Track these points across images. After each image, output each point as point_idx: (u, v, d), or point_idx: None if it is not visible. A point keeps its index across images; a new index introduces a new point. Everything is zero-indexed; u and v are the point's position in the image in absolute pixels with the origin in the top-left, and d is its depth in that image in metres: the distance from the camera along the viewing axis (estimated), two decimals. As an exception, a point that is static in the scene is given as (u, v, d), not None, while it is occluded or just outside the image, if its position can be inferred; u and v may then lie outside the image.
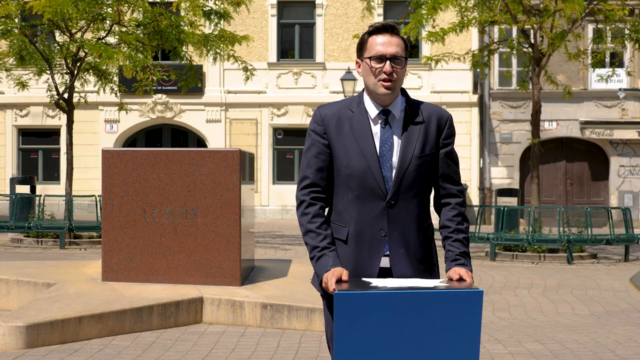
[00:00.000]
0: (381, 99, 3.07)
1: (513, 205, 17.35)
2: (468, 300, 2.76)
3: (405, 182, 3.05)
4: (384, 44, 3.03)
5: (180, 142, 24.67)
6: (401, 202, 3.06)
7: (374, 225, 3.06)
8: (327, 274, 2.95)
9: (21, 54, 15.49)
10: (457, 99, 23.55)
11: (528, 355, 6.31)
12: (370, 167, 3.03)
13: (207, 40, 15.30)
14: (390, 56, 3.02)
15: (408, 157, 3.05)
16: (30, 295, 7.81)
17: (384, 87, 3.03)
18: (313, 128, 3.13)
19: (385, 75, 3.02)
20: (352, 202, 3.07)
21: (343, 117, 3.10)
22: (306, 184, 3.10)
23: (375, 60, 3.03)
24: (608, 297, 9.78)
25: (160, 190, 7.82)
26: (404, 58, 3.05)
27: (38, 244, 14.77)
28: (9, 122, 24.24)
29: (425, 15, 14.30)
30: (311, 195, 3.09)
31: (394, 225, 3.06)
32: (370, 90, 3.09)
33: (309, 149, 3.12)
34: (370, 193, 3.04)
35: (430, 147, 3.08)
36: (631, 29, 15.45)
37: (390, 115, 3.09)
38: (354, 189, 3.06)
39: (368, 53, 3.06)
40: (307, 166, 3.11)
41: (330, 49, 23.86)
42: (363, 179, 3.04)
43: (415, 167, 3.05)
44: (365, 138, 3.05)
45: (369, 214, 3.05)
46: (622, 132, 23.24)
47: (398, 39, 3.06)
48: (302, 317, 7.18)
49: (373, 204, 3.05)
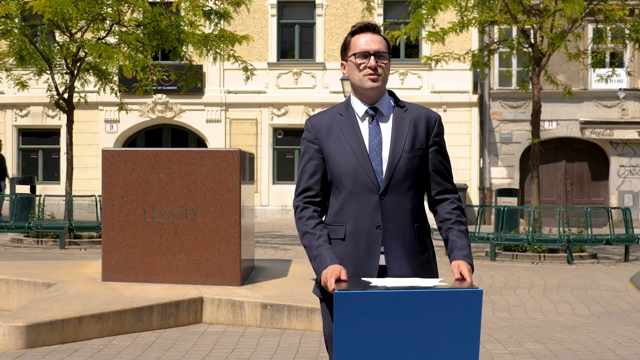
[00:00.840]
0: (368, 94, 3.15)
1: (513, 205, 17.34)
2: (467, 300, 2.76)
3: (397, 175, 3.09)
4: (367, 41, 3.13)
5: (180, 142, 24.67)
6: (394, 196, 3.09)
7: (369, 220, 3.09)
8: (325, 273, 2.96)
9: (21, 54, 15.48)
10: (457, 99, 23.55)
11: (528, 355, 6.31)
12: (360, 162, 3.09)
13: (207, 40, 15.30)
14: (373, 52, 3.12)
15: (399, 151, 3.10)
16: (30, 295, 7.81)
17: (371, 81, 3.12)
18: (305, 136, 3.21)
19: (370, 70, 3.11)
20: (346, 200, 3.12)
21: (332, 121, 3.18)
22: (300, 190, 3.19)
23: (359, 56, 3.12)
24: (608, 297, 9.78)
25: (160, 190, 7.82)
26: (387, 54, 3.15)
27: (38, 244, 14.77)
28: (9, 122, 24.24)
29: (425, 15, 14.29)
30: (305, 200, 3.16)
31: (388, 218, 3.09)
32: (356, 88, 3.17)
33: (303, 156, 3.21)
34: (363, 188, 3.09)
35: (420, 143, 3.14)
36: (631, 29, 15.44)
37: (377, 113, 3.17)
38: (347, 186, 3.11)
39: (352, 51, 3.16)
40: (301, 173, 3.20)
41: (330, 49, 23.86)
42: (355, 175, 3.09)
43: (406, 160, 3.10)
44: (354, 135, 3.13)
45: (363, 208, 3.10)
46: (622, 132, 23.24)
47: (380, 37, 3.16)
48: (302, 317, 7.18)
49: (367, 199, 3.09)
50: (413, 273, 3.09)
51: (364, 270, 3.08)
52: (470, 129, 23.61)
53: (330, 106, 3.65)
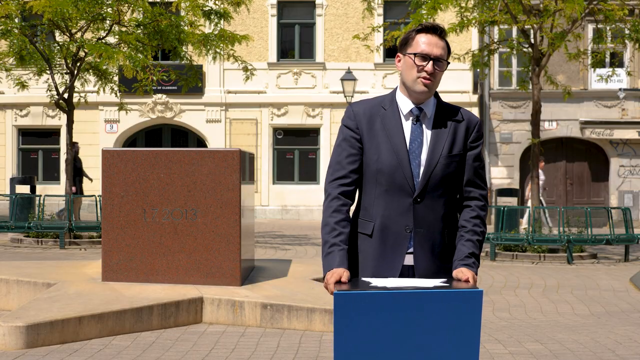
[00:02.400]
0: (417, 96, 3.10)
1: (513, 205, 17.34)
2: (468, 300, 2.76)
3: (433, 180, 3.06)
4: (430, 44, 3.06)
5: (180, 142, 24.67)
6: (428, 200, 3.06)
7: (399, 221, 3.06)
8: (327, 275, 2.97)
9: (21, 54, 15.47)
10: (457, 99, 23.53)
11: (528, 355, 6.31)
12: (400, 162, 3.05)
13: (207, 40, 15.30)
14: (434, 57, 3.05)
15: (437, 155, 3.06)
16: (30, 295, 7.81)
17: (423, 85, 3.06)
18: (346, 123, 3.14)
19: (426, 74, 3.05)
20: (379, 197, 3.08)
21: (375, 114, 3.12)
22: (337, 176, 3.11)
23: (419, 57, 3.06)
24: (608, 297, 9.78)
25: (160, 190, 7.82)
26: (445, 62, 3.09)
27: (38, 244, 14.77)
28: (9, 122, 24.24)
29: (425, 15, 14.29)
30: (339, 190, 3.09)
31: (420, 222, 3.06)
32: (407, 86, 3.11)
33: (341, 143, 3.13)
34: (398, 189, 3.05)
35: (458, 149, 3.10)
36: (631, 29, 15.45)
37: (422, 113, 3.12)
38: (382, 184, 3.07)
39: (413, 49, 3.08)
40: (338, 157, 3.12)
41: (330, 49, 23.86)
42: (392, 174, 3.05)
43: (443, 166, 3.07)
44: (397, 133, 3.08)
45: (395, 209, 3.06)
46: (622, 132, 23.24)
47: (444, 43, 3.09)
48: (302, 317, 7.18)
49: (400, 200, 3.06)
50: (438, 274, 3.07)
51: (386, 269, 3.06)
52: (470, 129, 23.59)
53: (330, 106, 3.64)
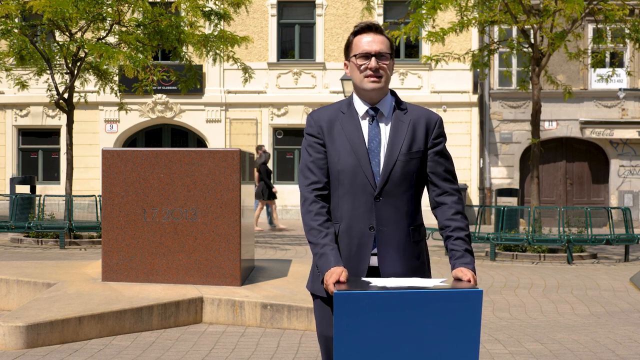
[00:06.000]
0: (369, 95, 3.15)
1: (513, 205, 17.34)
2: (467, 299, 2.76)
3: (393, 178, 3.09)
4: (369, 42, 3.13)
5: (180, 142, 24.67)
6: (389, 198, 3.09)
7: (363, 221, 3.09)
8: (325, 275, 2.97)
9: (21, 54, 15.47)
10: (457, 99, 23.55)
11: (528, 355, 6.31)
12: (359, 161, 3.09)
13: (207, 40, 15.30)
14: (375, 53, 3.11)
15: (395, 153, 3.10)
16: (30, 295, 7.81)
17: (371, 82, 3.11)
18: (308, 131, 3.20)
19: (370, 71, 3.11)
20: (342, 198, 3.12)
21: (334, 119, 3.18)
22: (311, 181, 3.15)
23: (360, 57, 3.13)
24: (608, 297, 9.78)
25: (160, 190, 7.82)
26: (389, 54, 3.14)
27: (38, 244, 14.77)
28: (9, 122, 24.24)
29: (425, 15, 14.29)
30: (315, 193, 3.13)
31: (383, 220, 3.09)
32: (358, 88, 3.18)
33: (308, 149, 3.18)
34: (360, 188, 3.09)
35: (418, 146, 3.13)
36: (631, 29, 15.44)
37: (378, 113, 3.17)
38: (345, 184, 3.11)
39: (354, 52, 3.16)
40: (308, 164, 3.16)
41: (330, 49, 23.86)
42: (354, 174, 3.09)
43: (403, 163, 3.10)
44: (355, 134, 3.12)
45: (358, 209, 3.10)
46: (622, 132, 23.24)
47: (382, 37, 3.16)
48: (302, 317, 7.18)
49: (362, 199, 3.09)
50: (406, 276, 3.09)
51: (354, 270, 3.08)
52: (470, 129, 23.61)
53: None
